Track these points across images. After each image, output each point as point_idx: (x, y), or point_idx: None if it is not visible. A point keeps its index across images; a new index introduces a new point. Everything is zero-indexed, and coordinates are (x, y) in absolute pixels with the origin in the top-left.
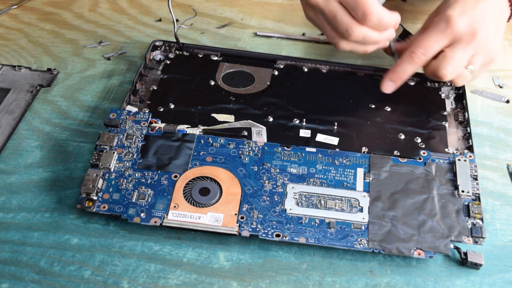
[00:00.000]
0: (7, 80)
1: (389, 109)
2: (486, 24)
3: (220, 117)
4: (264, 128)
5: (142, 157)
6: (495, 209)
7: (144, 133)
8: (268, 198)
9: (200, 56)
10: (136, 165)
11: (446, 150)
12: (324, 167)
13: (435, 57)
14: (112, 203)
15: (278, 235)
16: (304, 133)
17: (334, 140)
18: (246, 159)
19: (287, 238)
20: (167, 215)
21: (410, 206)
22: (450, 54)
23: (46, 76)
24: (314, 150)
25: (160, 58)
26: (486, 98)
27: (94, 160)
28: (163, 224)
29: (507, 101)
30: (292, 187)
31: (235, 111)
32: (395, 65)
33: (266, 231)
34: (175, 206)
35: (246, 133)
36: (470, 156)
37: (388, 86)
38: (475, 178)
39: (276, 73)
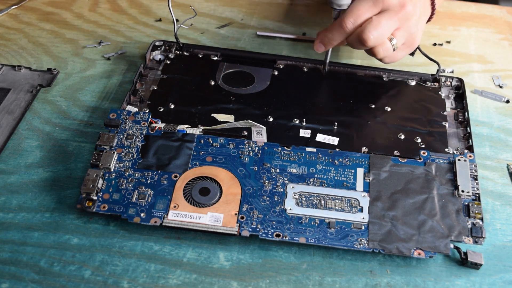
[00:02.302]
0: (7, 80)
1: (389, 109)
2: (413, 3)
3: (220, 117)
4: (264, 128)
5: (142, 157)
6: (495, 209)
7: (144, 133)
8: (268, 198)
9: (200, 56)
10: (136, 165)
11: (446, 150)
12: (324, 167)
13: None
14: (112, 203)
15: (278, 235)
16: (304, 133)
17: (334, 140)
18: (246, 159)
19: (287, 238)
20: (167, 215)
21: (410, 206)
22: (376, 20)
23: (46, 76)
24: (314, 150)
25: (160, 58)
26: (486, 98)
27: (94, 160)
28: (163, 224)
29: (507, 101)
30: (292, 187)
31: (235, 111)
32: (327, 29)
33: (266, 231)
34: (175, 206)
35: (246, 133)
36: (470, 156)
37: (320, 48)
38: (475, 178)
39: (276, 73)
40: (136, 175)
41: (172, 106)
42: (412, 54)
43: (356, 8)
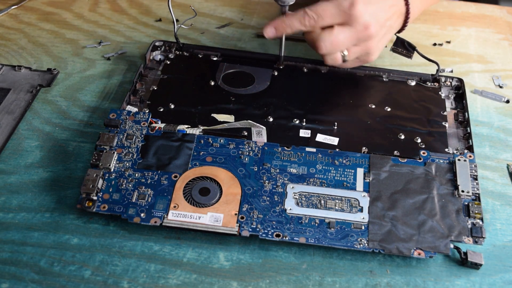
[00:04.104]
0: (7, 80)
1: (389, 109)
2: (379, 24)
3: (220, 117)
4: (264, 128)
5: (142, 157)
6: (495, 209)
7: (144, 133)
8: (268, 198)
9: (200, 56)
10: (136, 165)
11: (446, 150)
12: (324, 167)
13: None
14: (112, 203)
15: (278, 235)
16: (304, 133)
17: (334, 140)
18: (246, 159)
19: (287, 238)
20: (167, 215)
21: (410, 206)
22: (335, 33)
23: (46, 76)
24: (314, 150)
25: (160, 58)
26: (486, 98)
27: (94, 160)
28: (163, 224)
29: (507, 101)
30: (292, 187)
31: (235, 111)
32: (285, 15)
33: (266, 231)
34: (175, 206)
35: (246, 133)
36: (470, 156)
37: (270, 32)
38: (475, 178)
39: (276, 73)
40: (136, 175)
41: (172, 106)
42: (410, 56)
43: (322, 9)
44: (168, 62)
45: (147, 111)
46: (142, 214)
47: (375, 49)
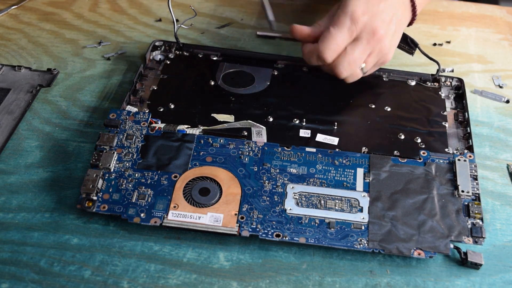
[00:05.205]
0: (7, 80)
1: (389, 109)
2: (386, 23)
3: (220, 117)
4: (264, 128)
5: (142, 157)
6: (495, 209)
7: (144, 133)
8: (268, 198)
9: (200, 56)
10: (136, 165)
11: (446, 150)
12: (324, 167)
13: None
14: (112, 203)
15: (278, 235)
16: (304, 133)
17: (334, 140)
18: (246, 159)
19: (287, 238)
20: (167, 215)
21: (410, 206)
22: (349, 52)
23: (46, 76)
24: (314, 150)
25: (160, 58)
26: (486, 98)
27: (94, 160)
28: (163, 224)
29: (507, 101)
30: (292, 187)
31: (235, 111)
32: (309, 51)
33: (266, 231)
34: (175, 206)
35: (246, 133)
36: (470, 156)
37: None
38: (475, 178)
39: (276, 73)
40: (136, 175)
41: (172, 106)
42: (412, 53)
43: (333, 39)
44: (168, 62)
45: (147, 111)
46: (142, 214)
47: (389, 49)
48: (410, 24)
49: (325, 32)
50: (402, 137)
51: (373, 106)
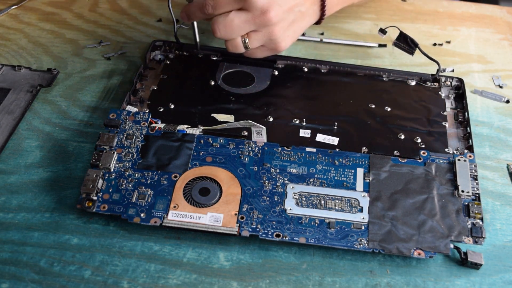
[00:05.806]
0: (7, 80)
1: (389, 109)
2: (283, 9)
3: (220, 117)
4: (264, 128)
5: (142, 157)
6: (495, 209)
7: (144, 133)
8: (268, 198)
9: (200, 56)
10: (136, 165)
11: (446, 150)
12: (324, 167)
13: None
14: (112, 203)
15: (278, 235)
16: (304, 133)
17: (334, 140)
18: (246, 159)
19: (287, 238)
20: (167, 215)
21: (410, 206)
22: (230, 17)
23: (46, 76)
24: (314, 150)
25: (160, 58)
26: (486, 98)
27: (94, 160)
28: (163, 224)
29: (507, 101)
30: (292, 187)
31: (235, 111)
32: (192, 3)
33: (266, 231)
34: (175, 206)
35: (246, 133)
36: (470, 156)
37: (183, 17)
38: (475, 178)
39: (276, 73)
40: (136, 175)
41: (172, 106)
42: (412, 53)
43: None
44: (168, 62)
45: (147, 111)
46: (142, 214)
47: (282, 36)
48: (318, 22)
49: None
50: (402, 137)
51: (373, 106)
